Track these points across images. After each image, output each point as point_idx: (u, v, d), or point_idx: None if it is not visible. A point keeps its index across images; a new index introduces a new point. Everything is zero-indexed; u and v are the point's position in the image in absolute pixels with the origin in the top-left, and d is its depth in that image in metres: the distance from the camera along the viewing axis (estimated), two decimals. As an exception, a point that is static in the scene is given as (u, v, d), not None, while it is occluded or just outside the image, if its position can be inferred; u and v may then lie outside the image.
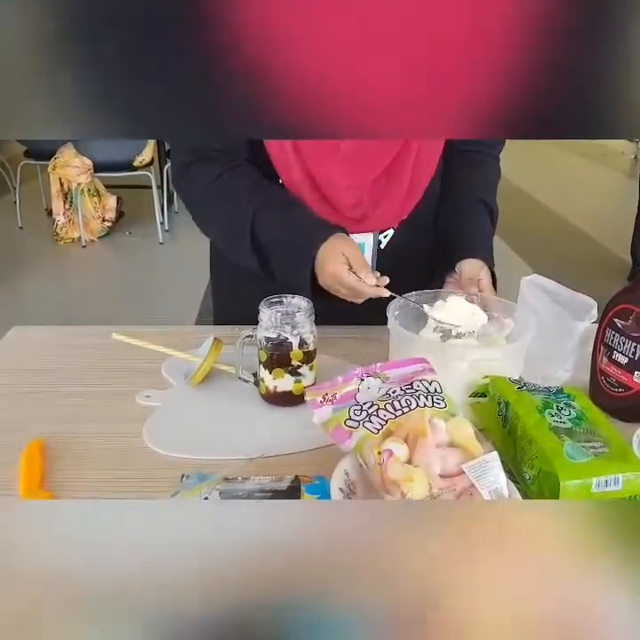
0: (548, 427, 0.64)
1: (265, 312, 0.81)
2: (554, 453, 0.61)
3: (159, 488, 0.66)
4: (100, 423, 0.79)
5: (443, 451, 0.61)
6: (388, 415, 0.64)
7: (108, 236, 4.32)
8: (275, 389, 0.82)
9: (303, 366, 0.82)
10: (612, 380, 0.80)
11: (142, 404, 0.83)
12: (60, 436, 0.76)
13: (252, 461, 0.67)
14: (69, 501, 0.55)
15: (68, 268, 3.88)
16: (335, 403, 0.67)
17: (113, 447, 0.75)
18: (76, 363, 0.93)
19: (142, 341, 0.89)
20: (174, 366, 0.90)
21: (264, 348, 0.81)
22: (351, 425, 0.64)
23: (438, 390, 0.66)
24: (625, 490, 0.60)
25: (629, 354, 0.78)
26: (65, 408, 0.82)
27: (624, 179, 5.91)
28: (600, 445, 0.63)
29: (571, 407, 0.67)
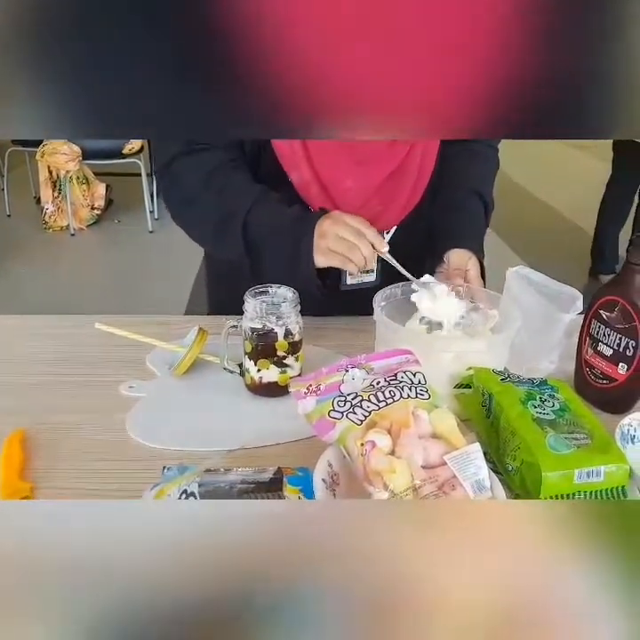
0: (530, 418, 0.64)
1: (250, 302, 0.80)
2: (536, 445, 0.61)
3: (142, 479, 0.65)
4: (83, 414, 0.78)
5: (425, 442, 0.61)
6: (372, 406, 0.63)
7: (96, 224, 4.29)
8: (260, 380, 0.82)
9: (289, 357, 0.82)
10: (597, 372, 0.81)
11: (126, 395, 0.82)
12: (41, 427, 0.75)
13: (232, 453, 0.67)
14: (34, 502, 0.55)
15: (56, 257, 3.85)
16: (319, 394, 0.67)
17: (95, 438, 0.74)
18: (59, 352, 0.92)
19: (126, 331, 0.88)
20: (159, 357, 0.89)
21: (249, 338, 0.81)
22: (335, 416, 0.63)
23: (422, 382, 0.66)
24: (607, 481, 0.61)
25: (614, 345, 0.78)
26: (47, 398, 0.81)
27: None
28: (583, 437, 0.63)
29: (554, 399, 0.67)
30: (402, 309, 0.84)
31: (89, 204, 4.22)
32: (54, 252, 3.91)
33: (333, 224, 0.86)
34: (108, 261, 3.87)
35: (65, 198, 4.07)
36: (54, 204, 4.15)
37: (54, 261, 3.78)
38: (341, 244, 0.85)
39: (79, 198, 4.17)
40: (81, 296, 3.19)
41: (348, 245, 0.85)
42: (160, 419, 0.78)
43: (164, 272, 3.52)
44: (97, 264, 3.86)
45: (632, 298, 0.75)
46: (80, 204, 4.19)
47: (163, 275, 3.50)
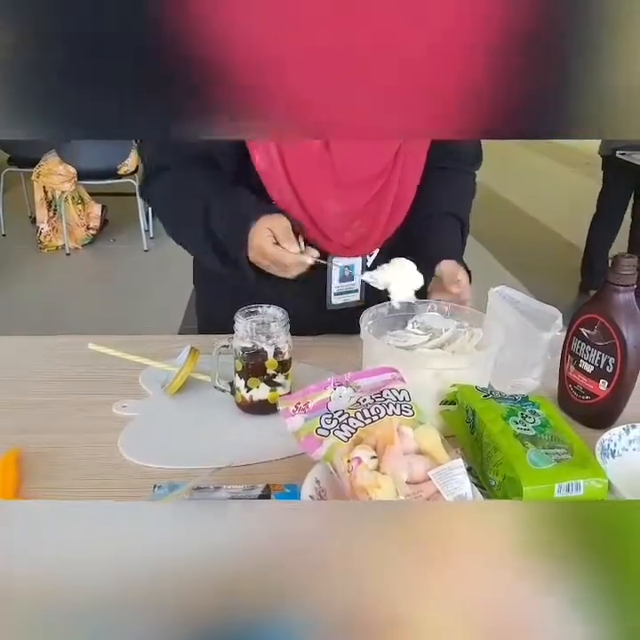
0: (512, 434, 0.66)
1: (240, 322, 0.82)
2: (517, 460, 0.62)
3: (133, 498, 0.67)
4: (77, 433, 0.80)
5: (410, 458, 0.62)
6: (358, 423, 0.65)
7: (92, 243, 4.31)
8: (250, 398, 0.84)
9: (279, 375, 0.84)
10: (579, 388, 0.83)
11: (119, 414, 0.84)
12: (36, 447, 0.76)
13: (222, 470, 0.68)
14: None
15: (51, 276, 3.87)
16: (307, 412, 0.68)
17: (89, 458, 0.75)
18: (53, 373, 0.94)
19: (119, 351, 0.90)
20: (152, 376, 0.91)
21: (240, 357, 0.83)
22: (322, 433, 0.65)
23: (407, 399, 0.68)
24: (586, 495, 0.62)
25: (595, 362, 0.80)
26: (41, 418, 0.83)
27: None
28: (563, 452, 0.65)
29: (535, 415, 0.69)
30: (388, 327, 0.86)
31: (84, 223, 4.25)
32: (49, 272, 3.93)
33: (257, 258, 0.89)
34: (104, 280, 3.89)
35: (60, 218, 4.10)
36: (50, 224, 4.17)
37: (50, 281, 3.80)
38: (271, 268, 0.89)
39: (74, 218, 4.19)
40: (77, 315, 3.20)
41: (277, 270, 0.89)
42: (152, 438, 0.79)
43: (159, 291, 3.54)
44: (92, 283, 3.88)
45: (611, 316, 0.77)
46: (75, 223, 4.21)
47: (158, 293, 3.52)
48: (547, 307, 0.81)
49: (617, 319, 0.77)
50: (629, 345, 0.76)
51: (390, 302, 0.87)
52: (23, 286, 3.66)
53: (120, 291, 3.64)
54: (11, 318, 3.12)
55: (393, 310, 0.87)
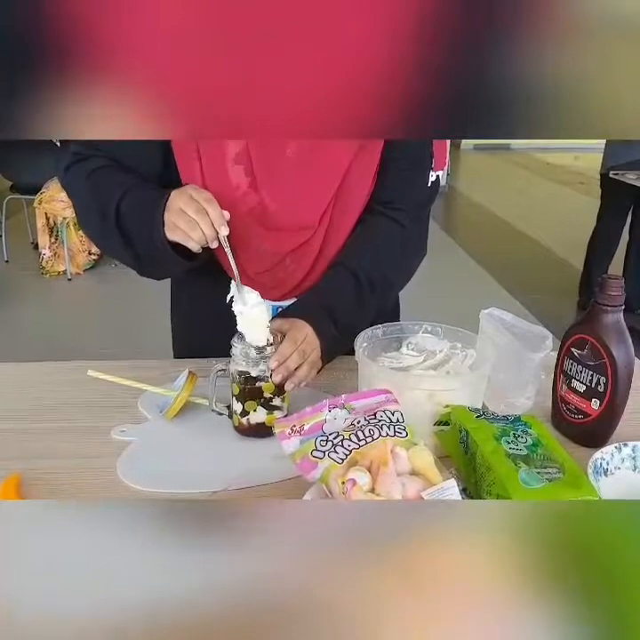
0: (504, 453, 0.67)
1: (237, 346, 0.83)
2: (509, 479, 0.63)
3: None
4: (76, 459, 0.80)
5: (404, 478, 0.63)
6: (353, 445, 0.66)
7: (93, 268, 4.35)
8: (248, 422, 0.85)
9: (275, 398, 0.85)
10: (572, 407, 0.84)
11: (117, 439, 0.85)
12: (35, 472, 0.77)
13: (218, 494, 0.69)
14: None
15: (53, 302, 3.90)
16: (303, 434, 0.70)
17: (88, 482, 0.76)
18: (52, 399, 0.95)
19: (118, 377, 0.91)
20: (150, 400, 0.92)
21: (236, 381, 0.84)
22: (317, 455, 0.66)
23: (400, 420, 0.69)
24: (578, 513, 0.63)
25: (586, 382, 0.81)
26: (40, 444, 0.84)
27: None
28: (555, 471, 0.66)
29: (527, 434, 0.70)
30: (383, 349, 0.87)
31: (86, 249, 4.29)
32: (52, 297, 3.96)
33: (178, 196, 0.83)
34: (105, 305, 3.92)
35: (62, 244, 4.14)
36: (51, 250, 4.21)
37: (52, 306, 3.82)
38: (182, 218, 0.82)
39: (76, 244, 4.24)
40: (79, 340, 3.22)
41: (188, 221, 0.82)
42: (150, 463, 0.80)
43: (161, 315, 3.55)
44: (94, 308, 3.90)
45: (600, 336, 0.78)
46: (77, 249, 4.26)
47: (159, 317, 3.53)
48: (536, 327, 0.83)
49: (606, 339, 0.78)
50: (619, 364, 0.78)
51: (386, 325, 0.88)
52: (25, 311, 3.69)
53: (122, 315, 3.66)
54: (13, 343, 3.14)
55: (388, 332, 0.88)
